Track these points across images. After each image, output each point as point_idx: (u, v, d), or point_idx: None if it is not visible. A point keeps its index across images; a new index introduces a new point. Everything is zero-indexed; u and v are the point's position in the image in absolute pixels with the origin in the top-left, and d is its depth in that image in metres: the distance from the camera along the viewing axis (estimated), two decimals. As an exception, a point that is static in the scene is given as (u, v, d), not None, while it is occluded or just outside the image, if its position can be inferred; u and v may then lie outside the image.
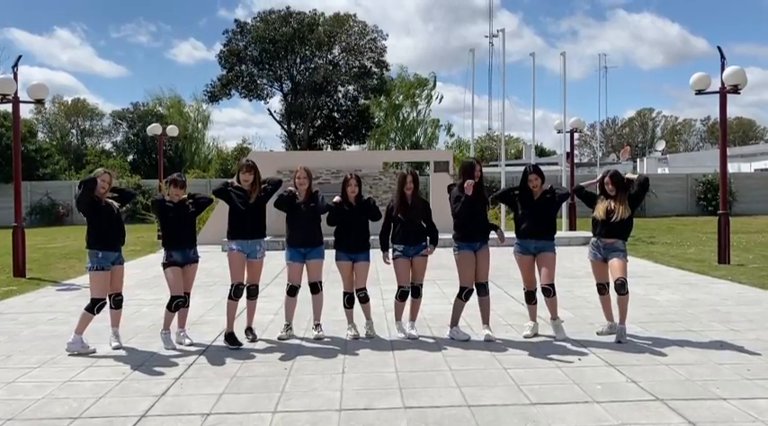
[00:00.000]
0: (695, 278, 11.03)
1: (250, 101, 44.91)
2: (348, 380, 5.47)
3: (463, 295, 6.82)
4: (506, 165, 21.11)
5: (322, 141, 45.93)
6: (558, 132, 21.51)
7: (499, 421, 4.52)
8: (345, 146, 45.70)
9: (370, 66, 43.54)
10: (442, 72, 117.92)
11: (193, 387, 5.38)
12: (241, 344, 6.67)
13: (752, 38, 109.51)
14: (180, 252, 6.74)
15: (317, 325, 7.11)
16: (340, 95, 44.59)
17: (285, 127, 45.60)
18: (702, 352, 6.17)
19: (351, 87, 44.24)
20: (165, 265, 6.74)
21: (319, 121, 45.04)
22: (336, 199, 7.02)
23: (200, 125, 51.14)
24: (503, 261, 13.28)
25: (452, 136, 37.87)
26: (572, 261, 13.12)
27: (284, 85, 44.28)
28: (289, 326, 7.10)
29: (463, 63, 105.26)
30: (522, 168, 7.50)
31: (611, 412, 4.64)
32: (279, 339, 6.94)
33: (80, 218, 29.24)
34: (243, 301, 6.89)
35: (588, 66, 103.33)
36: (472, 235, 6.79)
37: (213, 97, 44.15)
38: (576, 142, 23.80)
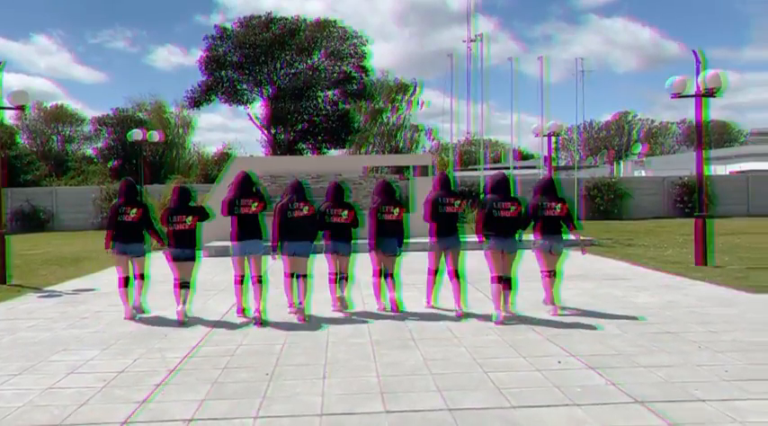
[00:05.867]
0: (673, 280, 11.12)
1: (230, 106, 44.85)
2: (330, 385, 5.49)
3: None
4: (486, 169, 21.33)
5: (303, 146, 45.86)
6: (537, 136, 21.64)
7: (480, 424, 4.56)
8: (327, 150, 45.67)
9: (351, 71, 43.59)
10: (418, 77, 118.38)
11: (175, 393, 5.37)
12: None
13: (724, 42, 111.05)
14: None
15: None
16: (321, 100, 44.60)
17: (266, 131, 45.49)
18: (681, 354, 6.25)
19: (332, 92, 44.26)
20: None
21: (300, 126, 44.98)
22: None
23: (181, 130, 50.86)
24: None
25: (437, 138, 38.06)
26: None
27: (265, 90, 44.20)
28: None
29: (439, 68, 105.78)
30: (501, 170, 8.06)
31: (592, 414, 4.70)
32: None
33: (61, 225, 29.04)
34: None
35: (563, 69, 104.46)
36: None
37: (195, 103, 44.00)
38: (554, 146, 23.97)
